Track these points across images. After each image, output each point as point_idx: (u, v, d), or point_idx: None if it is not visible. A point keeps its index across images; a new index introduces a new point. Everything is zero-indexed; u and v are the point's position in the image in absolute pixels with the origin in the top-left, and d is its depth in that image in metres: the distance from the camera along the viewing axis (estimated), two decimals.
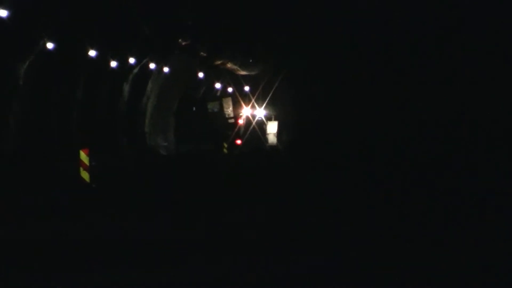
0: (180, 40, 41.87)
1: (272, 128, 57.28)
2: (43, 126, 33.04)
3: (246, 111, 59.04)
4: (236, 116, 59.78)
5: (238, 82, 56.51)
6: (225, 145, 53.63)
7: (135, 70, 42.56)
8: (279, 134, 55.98)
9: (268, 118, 57.67)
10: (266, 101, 56.03)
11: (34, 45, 31.31)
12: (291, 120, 48.37)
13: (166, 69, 46.84)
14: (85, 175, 24.95)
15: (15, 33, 28.75)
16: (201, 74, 53.23)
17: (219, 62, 49.18)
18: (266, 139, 56.68)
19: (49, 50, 31.85)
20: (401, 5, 29.79)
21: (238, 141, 56.77)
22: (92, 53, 35.18)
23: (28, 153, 30.52)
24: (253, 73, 52.11)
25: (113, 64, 38.64)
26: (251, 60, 49.00)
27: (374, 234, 15.08)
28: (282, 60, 42.54)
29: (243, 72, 52.37)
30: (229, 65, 49.84)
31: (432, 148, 29.02)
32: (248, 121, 58.65)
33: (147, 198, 22.10)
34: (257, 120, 57.97)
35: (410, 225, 16.14)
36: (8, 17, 27.69)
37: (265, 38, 41.61)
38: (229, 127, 58.76)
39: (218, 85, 59.26)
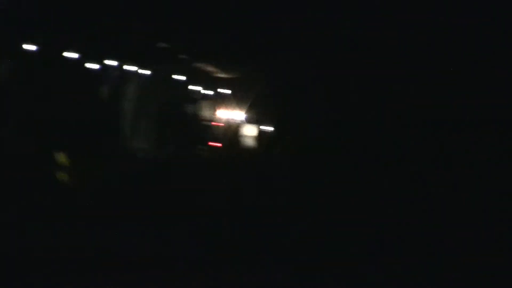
0: (159, 42, 41.65)
1: (249, 131, 57.05)
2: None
3: (223, 114, 58.78)
4: (213, 119, 59.56)
5: (216, 85, 56.28)
6: (201, 147, 53.37)
7: (113, 73, 42.29)
8: (263, 138, 55.71)
9: (248, 122, 57.44)
10: (245, 104, 55.88)
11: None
12: (275, 124, 47.75)
13: (144, 72, 46.60)
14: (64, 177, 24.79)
15: None
16: (180, 77, 52.97)
17: (197, 65, 49.02)
18: (242, 142, 56.51)
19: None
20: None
21: (214, 144, 56.57)
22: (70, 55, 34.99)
23: None
24: (232, 76, 51.93)
25: (93, 66, 38.47)
26: (228, 63, 48.83)
27: None
28: (266, 64, 41.58)
29: (221, 75, 52.20)
30: (207, 67, 49.69)
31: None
32: (226, 124, 58.45)
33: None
34: (235, 123, 57.77)
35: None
36: None
37: (246, 39, 40.98)
38: (206, 130, 58.55)
39: (195, 88, 58.96)
